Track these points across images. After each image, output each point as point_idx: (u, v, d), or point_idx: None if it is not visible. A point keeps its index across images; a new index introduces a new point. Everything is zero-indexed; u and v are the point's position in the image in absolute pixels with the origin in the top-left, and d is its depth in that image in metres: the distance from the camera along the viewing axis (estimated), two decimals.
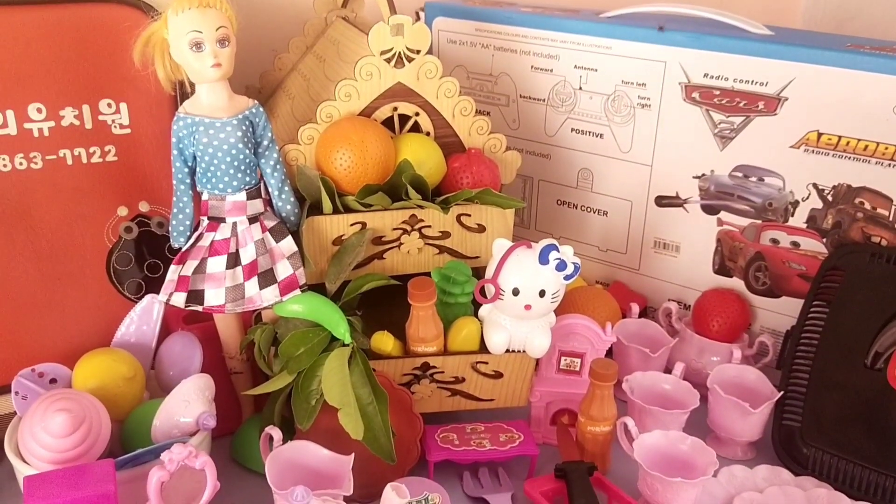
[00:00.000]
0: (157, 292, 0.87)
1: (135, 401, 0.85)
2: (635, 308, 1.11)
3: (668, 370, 1.04)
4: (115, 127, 0.93)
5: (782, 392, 0.95)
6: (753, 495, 0.89)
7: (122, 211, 0.94)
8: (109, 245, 0.94)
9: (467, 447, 0.90)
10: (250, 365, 0.94)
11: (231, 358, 0.94)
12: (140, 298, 0.93)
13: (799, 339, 0.98)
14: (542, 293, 0.86)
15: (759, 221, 1.06)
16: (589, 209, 1.18)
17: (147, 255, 0.96)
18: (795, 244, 1.04)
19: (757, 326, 1.10)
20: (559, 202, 1.21)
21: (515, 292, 0.86)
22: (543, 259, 0.85)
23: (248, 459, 0.91)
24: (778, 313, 1.08)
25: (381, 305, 0.97)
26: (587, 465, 0.87)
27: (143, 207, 0.96)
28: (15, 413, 0.83)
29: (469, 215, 0.94)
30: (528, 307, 0.86)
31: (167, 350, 0.90)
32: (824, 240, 1.02)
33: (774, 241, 1.06)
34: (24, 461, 0.76)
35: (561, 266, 0.86)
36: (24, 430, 0.77)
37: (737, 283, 1.10)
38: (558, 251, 0.86)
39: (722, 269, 1.10)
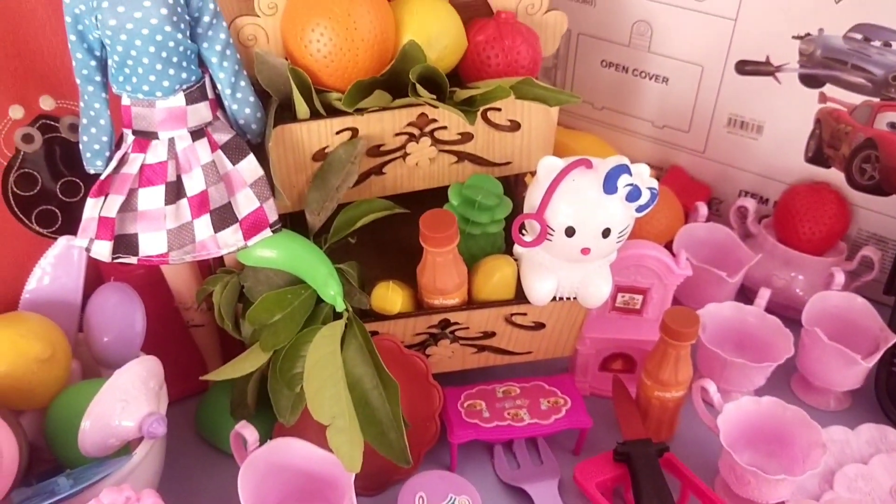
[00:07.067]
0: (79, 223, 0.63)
1: (56, 384, 0.63)
2: (703, 209, 0.88)
3: (742, 288, 0.83)
4: None
5: None
6: (859, 468, 0.71)
7: (16, 112, 0.67)
8: (3, 162, 0.68)
9: (500, 422, 0.69)
10: (213, 314, 0.72)
11: (187, 309, 0.71)
12: (57, 233, 0.69)
13: None
14: (605, 232, 0.62)
15: (877, 100, 0.80)
16: (644, 74, 0.91)
17: (62, 172, 0.70)
18: None
19: (854, 229, 0.87)
20: (604, 63, 0.93)
21: (570, 232, 0.62)
22: (610, 187, 0.60)
23: (218, 438, 0.71)
24: (886, 215, 0.85)
25: (383, 227, 0.73)
26: (657, 447, 0.67)
27: (47, 105, 0.68)
28: None
29: (499, 110, 0.68)
30: (585, 251, 0.63)
31: (98, 307, 0.67)
32: None
33: (894, 125, 0.80)
34: None
35: (634, 195, 0.61)
36: None
37: (835, 176, 0.85)
38: (630, 174, 0.61)
39: (817, 158, 0.86)
